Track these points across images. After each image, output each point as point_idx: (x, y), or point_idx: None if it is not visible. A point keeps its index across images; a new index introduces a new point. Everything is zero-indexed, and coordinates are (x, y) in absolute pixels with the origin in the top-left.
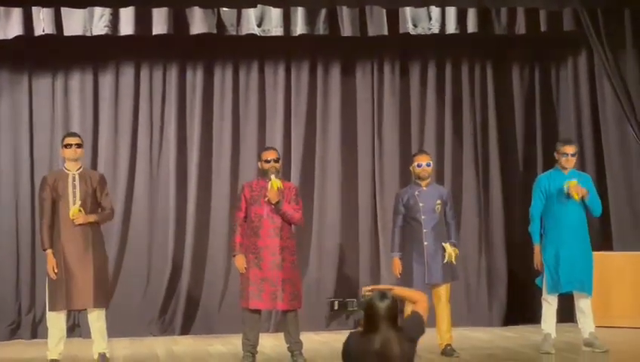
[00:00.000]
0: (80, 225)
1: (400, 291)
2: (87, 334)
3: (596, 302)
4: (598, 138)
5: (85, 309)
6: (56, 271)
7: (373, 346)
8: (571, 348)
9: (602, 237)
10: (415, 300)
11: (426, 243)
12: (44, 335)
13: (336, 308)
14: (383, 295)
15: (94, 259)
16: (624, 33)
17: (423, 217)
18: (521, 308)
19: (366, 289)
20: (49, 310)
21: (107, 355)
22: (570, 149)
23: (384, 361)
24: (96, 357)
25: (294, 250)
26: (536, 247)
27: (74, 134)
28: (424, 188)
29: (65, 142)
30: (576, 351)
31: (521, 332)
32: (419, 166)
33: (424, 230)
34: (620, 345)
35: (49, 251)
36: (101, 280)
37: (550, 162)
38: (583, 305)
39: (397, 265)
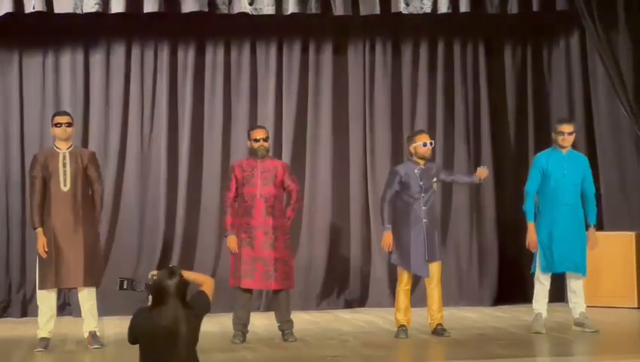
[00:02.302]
0: (71, 204)
1: (188, 274)
2: (77, 313)
3: (587, 281)
4: (589, 117)
5: (75, 288)
6: (46, 249)
7: (162, 322)
8: (562, 327)
9: None
10: (202, 282)
11: (425, 220)
12: (35, 314)
13: (125, 287)
14: (171, 272)
15: (85, 237)
16: (616, 12)
17: (422, 195)
18: (512, 287)
19: (153, 274)
20: (39, 288)
21: (97, 334)
22: (567, 128)
23: (172, 336)
24: (86, 335)
25: (287, 230)
26: (531, 225)
27: (64, 113)
28: (423, 166)
29: (55, 121)
30: (567, 331)
31: (511, 311)
32: (424, 145)
33: (423, 208)
34: (610, 325)
35: (39, 230)
36: (92, 259)
37: (541, 142)
38: (575, 285)
39: (388, 239)
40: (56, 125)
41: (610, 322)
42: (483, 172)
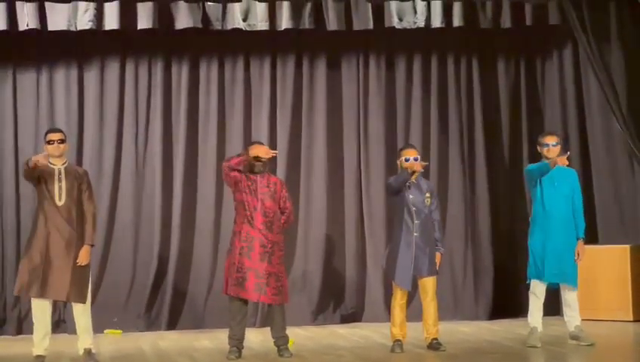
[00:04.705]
0: (66, 218)
1: None
2: (72, 330)
3: (582, 295)
4: (583, 130)
5: (64, 302)
6: (42, 161)
7: None
8: (557, 341)
9: (588, 231)
10: None
11: (415, 234)
12: (30, 331)
13: None
14: None
15: (76, 253)
16: (609, 25)
17: (413, 209)
18: (507, 301)
19: None
20: (17, 292)
21: (93, 351)
22: (551, 139)
23: None
24: (81, 352)
25: (283, 246)
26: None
27: (56, 130)
28: (413, 181)
29: (47, 139)
30: (562, 345)
31: (507, 325)
32: (407, 160)
33: (415, 221)
34: (605, 338)
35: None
36: (80, 276)
37: (535, 156)
38: (570, 299)
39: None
40: (48, 142)
41: (605, 335)
42: (438, 258)
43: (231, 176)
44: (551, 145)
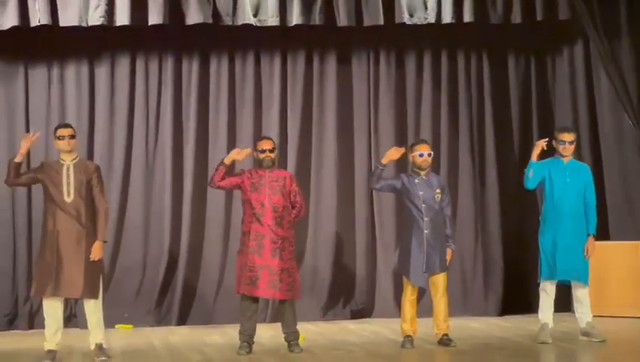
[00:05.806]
0: (75, 215)
1: None
2: (84, 324)
3: (593, 291)
4: (594, 126)
5: (76, 299)
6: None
7: None
8: (568, 337)
9: (599, 227)
10: None
11: (426, 231)
12: (41, 326)
13: None
14: None
15: (87, 248)
16: (619, 21)
17: (423, 206)
18: (517, 297)
19: None
20: (33, 295)
21: (104, 346)
22: (568, 137)
23: None
24: (92, 347)
25: (293, 241)
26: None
27: (66, 125)
28: (424, 177)
29: (58, 134)
30: (573, 341)
31: (517, 322)
32: (420, 156)
33: (425, 218)
34: (617, 335)
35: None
36: (92, 272)
37: (546, 152)
38: (581, 295)
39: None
40: (59, 138)
41: (616, 332)
42: (449, 255)
43: (222, 185)
44: (567, 143)
